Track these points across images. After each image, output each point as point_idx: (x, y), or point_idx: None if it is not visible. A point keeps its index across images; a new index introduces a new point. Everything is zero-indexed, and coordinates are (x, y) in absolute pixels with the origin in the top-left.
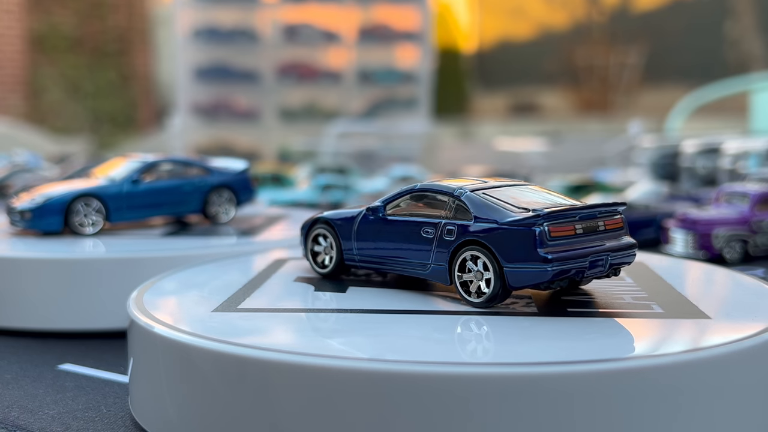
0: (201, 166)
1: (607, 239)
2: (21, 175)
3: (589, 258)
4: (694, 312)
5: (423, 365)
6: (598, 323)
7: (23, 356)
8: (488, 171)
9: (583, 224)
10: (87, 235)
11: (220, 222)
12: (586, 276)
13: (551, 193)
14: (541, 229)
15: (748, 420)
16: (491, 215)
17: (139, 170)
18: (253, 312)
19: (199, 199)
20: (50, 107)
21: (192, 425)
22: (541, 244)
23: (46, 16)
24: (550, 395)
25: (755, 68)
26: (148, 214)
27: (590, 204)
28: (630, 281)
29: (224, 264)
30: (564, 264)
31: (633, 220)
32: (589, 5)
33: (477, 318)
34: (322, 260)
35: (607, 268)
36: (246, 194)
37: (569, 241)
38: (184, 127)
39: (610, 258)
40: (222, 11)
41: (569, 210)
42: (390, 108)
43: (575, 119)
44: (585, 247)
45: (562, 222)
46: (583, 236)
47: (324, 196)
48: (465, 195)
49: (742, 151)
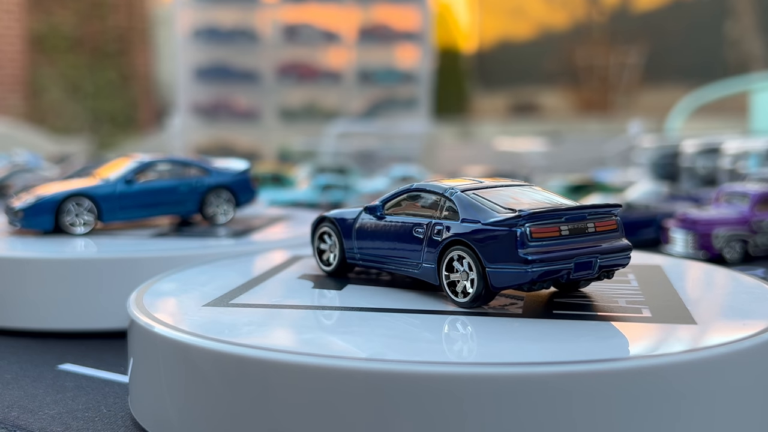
0: (199, 167)
1: (598, 241)
2: (21, 175)
3: (574, 260)
4: (682, 317)
5: (423, 365)
6: (577, 326)
7: (23, 356)
8: (488, 171)
9: (569, 226)
10: (78, 235)
11: (218, 223)
12: (573, 278)
13: (549, 193)
14: (522, 230)
15: (747, 420)
16: (476, 216)
17: (133, 170)
18: (249, 308)
19: (195, 200)
20: (50, 107)
21: (192, 425)
22: (522, 245)
23: (46, 16)
24: (549, 395)
25: (755, 68)
26: (142, 215)
27: (579, 205)
28: (635, 285)
29: (224, 264)
30: (545, 265)
31: (633, 220)
32: (589, 5)
33: (463, 318)
34: (327, 258)
35: (596, 271)
36: (246, 195)
37: (553, 243)
38: (184, 127)
39: (599, 260)
40: (222, 11)
41: (554, 211)
42: (390, 108)
43: (575, 119)
44: (570, 249)
45: (545, 223)
46: (569, 238)
47: (324, 196)
48: (455, 195)
49: (742, 151)
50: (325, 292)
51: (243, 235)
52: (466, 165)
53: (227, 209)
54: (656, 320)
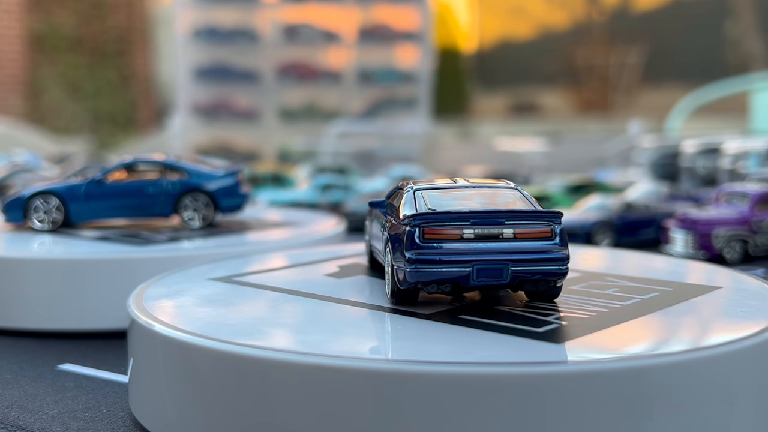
0: (180, 169)
1: (515, 249)
2: (21, 175)
3: (473, 264)
4: (581, 332)
5: (423, 365)
6: (464, 333)
7: (23, 356)
8: (488, 171)
9: (476, 230)
10: (42, 231)
11: (191, 228)
12: (477, 284)
13: (521, 198)
14: (412, 230)
15: (747, 420)
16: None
17: (105, 170)
18: (249, 308)
19: (167, 202)
20: (50, 107)
21: (192, 425)
22: (412, 245)
23: (46, 16)
24: (548, 394)
25: (755, 68)
26: (110, 215)
27: (493, 210)
28: (616, 296)
29: (224, 264)
30: (432, 267)
31: (633, 220)
32: (589, 5)
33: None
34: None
35: (508, 279)
36: (229, 200)
37: (451, 246)
38: (184, 127)
39: (510, 268)
40: (222, 11)
41: (455, 213)
42: (390, 108)
43: (575, 119)
44: (470, 253)
45: (443, 225)
46: (473, 242)
47: (324, 196)
48: (408, 193)
49: (742, 151)
50: (333, 289)
51: (243, 236)
52: (466, 165)
53: (206, 214)
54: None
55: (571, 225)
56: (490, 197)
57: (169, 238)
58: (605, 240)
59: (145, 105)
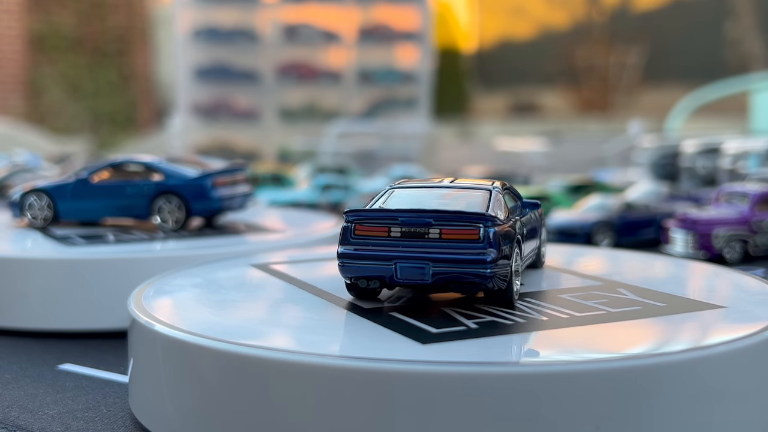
0: (158, 169)
1: (439, 249)
2: (21, 175)
3: (395, 262)
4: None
5: (423, 365)
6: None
7: (23, 356)
8: (488, 171)
9: (403, 228)
10: (36, 228)
11: (163, 230)
12: (399, 282)
13: (487, 200)
14: (346, 226)
15: (747, 420)
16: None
17: (91, 169)
18: (249, 307)
19: (143, 203)
20: (50, 107)
21: (192, 425)
22: (344, 240)
23: (46, 16)
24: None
25: (755, 68)
26: (94, 214)
27: (422, 210)
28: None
29: (224, 264)
30: (358, 262)
31: (633, 220)
32: (589, 5)
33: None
34: None
35: (431, 279)
36: (200, 203)
37: (377, 243)
38: (184, 127)
39: (432, 268)
40: (222, 11)
41: (384, 211)
42: (390, 108)
43: (575, 119)
44: (393, 251)
45: (371, 222)
46: (399, 240)
47: (324, 196)
48: (388, 191)
49: (742, 151)
50: (333, 289)
51: (243, 236)
52: (466, 165)
53: (179, 216)
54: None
55: (571, 225)
56: (454, 198)
57: (169, 238)
58: (605, 240)
59: (145, 105)
